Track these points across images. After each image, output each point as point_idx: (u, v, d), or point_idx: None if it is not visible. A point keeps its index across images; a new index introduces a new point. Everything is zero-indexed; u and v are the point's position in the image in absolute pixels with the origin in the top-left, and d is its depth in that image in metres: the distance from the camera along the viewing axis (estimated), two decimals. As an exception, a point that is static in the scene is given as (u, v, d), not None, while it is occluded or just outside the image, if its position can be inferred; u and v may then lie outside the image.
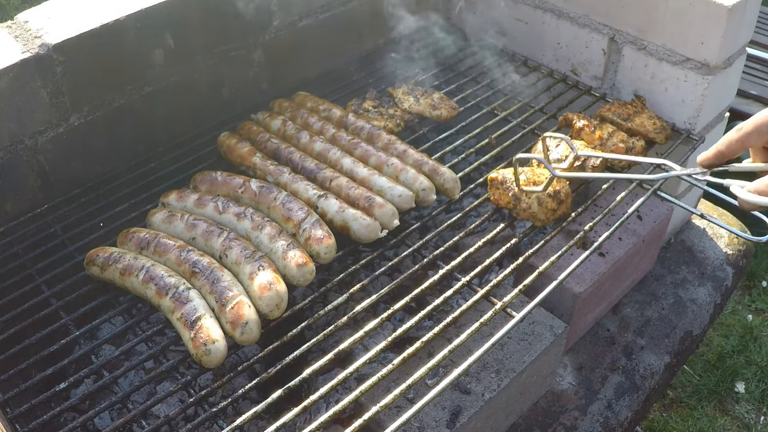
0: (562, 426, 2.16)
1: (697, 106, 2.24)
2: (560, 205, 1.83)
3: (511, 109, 2.35)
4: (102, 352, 1.91)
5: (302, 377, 1.50)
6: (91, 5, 1.97)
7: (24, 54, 1.81)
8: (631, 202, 1.93)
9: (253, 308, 1.54)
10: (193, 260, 1.65)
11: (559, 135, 1.80)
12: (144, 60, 2.04)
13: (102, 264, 1.71)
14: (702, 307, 2.60)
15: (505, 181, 1.86)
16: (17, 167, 1.93)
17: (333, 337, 1.64)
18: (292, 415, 1.43)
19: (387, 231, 1.82)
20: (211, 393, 1.52)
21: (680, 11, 2.14)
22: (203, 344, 1.47)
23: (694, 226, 2.87)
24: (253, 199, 1.86)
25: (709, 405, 3.36)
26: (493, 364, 1.90)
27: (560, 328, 2.00)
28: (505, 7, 2.68)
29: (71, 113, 1.98)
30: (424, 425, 1.76)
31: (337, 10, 2.51)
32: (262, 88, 2.44)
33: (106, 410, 1.53)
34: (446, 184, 1.97)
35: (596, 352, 2.39)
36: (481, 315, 1.62)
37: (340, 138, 2.10)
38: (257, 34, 2.32)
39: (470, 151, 2.18)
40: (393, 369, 1.49)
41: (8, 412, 1.50)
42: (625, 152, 2.01)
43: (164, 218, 1.82)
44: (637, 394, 2.31)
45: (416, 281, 1.74)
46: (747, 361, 3.57)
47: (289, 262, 1.64)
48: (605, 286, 2.27)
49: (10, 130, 1.87)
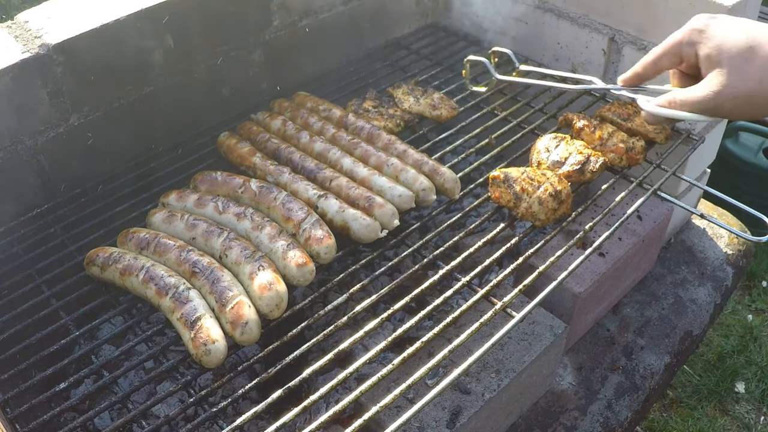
0: (562, 426, 2.16)
1: (697, 106, 2.24)
2: (561, 205, 1.83)
3: (511, 109, 2.35)
4: (102, 352, 1.91)
5: (302, 377, 1.50)
6: (91, 5, 1.97)
7: (24, 54, 1.81)
8: (631, 202, 1.93)
9: (253, 308, 1.54)
10: (193, 260, 1.65)
11: (479, 58, 2.11)
12: (144, 60, 2.04)
13: (102, 264, 1.71)
14: (702, 307, 2.60)
15: (506, 180, 1.86)
16: (17, 167, 1.93)
17: (333, 337, 1.63)
18: (292, 415, 1.43)
19: (387, 231, 1.82)
20: (211, 393, 1.52)
21: (680, 11, 2.14)
22: (203, 344, 1.47)
23: (694, 226, 2.87)
24: (253, 199, 1.86)
25: (709, 405, 3.37)
26: (493, 364, 1.90)
27: (560, 328, 2.00)
28: (505, 7, 2.68)
29: (71, 113, 1.98)
30: (424, 425, 1.76)
31: (337, 10, 2.51)
32: (262, 88, 2.44)
33: (106, 410, 1.53)
34: (446, 184, 1.97)
35: (596, 352, 2.39)
36: (481, 315, 1.62)
37: (340, 138, 2.10)
38: (257, 34, 2.32)
39: (470, 151, 2.18)
40: (393, 369, 1.49)
41: (8, 412, 1.50)
42: (625, 152, 2.01)
43: (164, 218, 1.82)
44: (637, 394, 2.31)
45: (416, 281, 1.74)
46: (747, 361, 3.58)
47: (289, 262, 1.64)
48: (605, 286, 2.28)
49: (10, 130, 1.87)
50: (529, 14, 2.60)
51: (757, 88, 1.27)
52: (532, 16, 2.60)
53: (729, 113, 1.37)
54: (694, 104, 1.38)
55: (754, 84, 1.27)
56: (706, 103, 1.35)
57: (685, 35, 1.43)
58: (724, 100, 1.32)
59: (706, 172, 2.79)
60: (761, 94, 1.27)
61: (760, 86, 1.27)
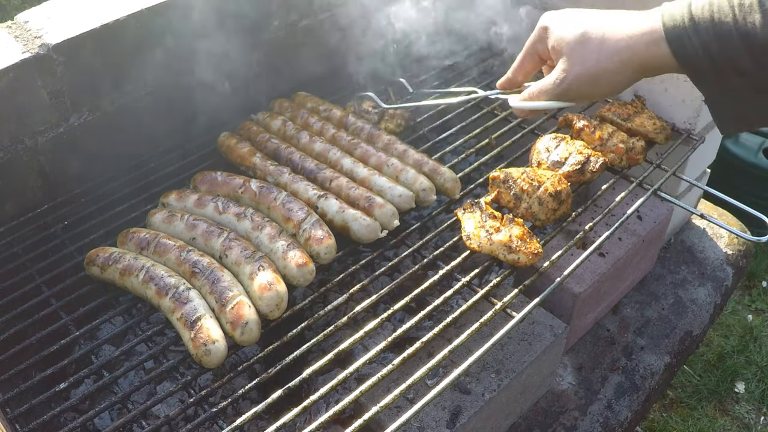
0: (562, 426, 2.16)
1: (697, 106, 2.24)
2: (561, 206, 1.83)
3: (511, 110, 2.35)
4: (102, 352, 1.91)
5: (302, 377, 1.50)
6: (91, 5, 1.97)
7: (24, 54, 1.81)
8: (631, 202, 1.93)
9: (253, 308, 1.54)
10: (193, 260, 1.65)
11: (368, 93, 2.18)
12: (144, 60, 2.04)
13: (102, 264, 1.71)
14: (702, 307, 2.60)
15: (506, 180, 1.86)
16: (17, 167, 1.93)
17: (333, 337, 1.63)
18: (292, 415, 1.43)
19: (387, 231, 1.82)
20: (211, 393, 1.52)
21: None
22: (203, 344, 1.47)
23: (694, 226, 2.87)
24: (253, 199, 1.86)
25: (709, 405, 3.37)
26: (493, 364, 1.90)
27: (560, 328, 2.00)
28: (505, 7, 2.67)
29: (71, 113, 1.97)
30: (424, 425, 1.76)
31: (337, 9, 2.51)
32: (262, 88, 2.44)
33: (106, 410, 1.53)
34: (446, 183, 1.97)
35: (596, 352, 2.39)
36: (481, 315, 1.62)
37: (340, 138, 2.11)
38: (257, 34, 2.32)
39: (470, 152, 2.18)
40: (393, 369, 1.49)
41: (8, 412, 1.50)
42: (625, 152, 2.01)
43: (164, 218, 1.82)
44: (637, 394, 2.31)
45: (416, 281, 1.74)
46: (747, 361, 3.58)
47: (289, 262, 1.64)
48: (605, 286, 2.28)
49: (10, 130, 1.87)
50: (528, 14, 2.60)
51: (595, 68, 1.38)
52: (531, 16, 2.59)
53: (579, 96, 1.47)
54: (548, 92, 1.49)
55: (592, 64, 1.38)
56: (556, 88, 1.46)
57: (535, 35, 1.54)
58: (570, 83, 1.43)
59: (706, 172, 2.79)
60: (601, 73, 1.38)
61: (597, 65, 1.37)
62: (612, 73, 1.37)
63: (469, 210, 1.81)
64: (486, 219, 1.76)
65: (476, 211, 1.79)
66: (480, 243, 1.72)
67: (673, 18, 1.25)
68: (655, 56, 1.29)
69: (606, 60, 1.36)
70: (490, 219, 1.76)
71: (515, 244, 1.68)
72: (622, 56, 1.34)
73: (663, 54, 1.27)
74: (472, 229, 1.75)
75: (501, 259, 1.70)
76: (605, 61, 1.36)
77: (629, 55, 1.33)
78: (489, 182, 1.92)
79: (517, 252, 1.67)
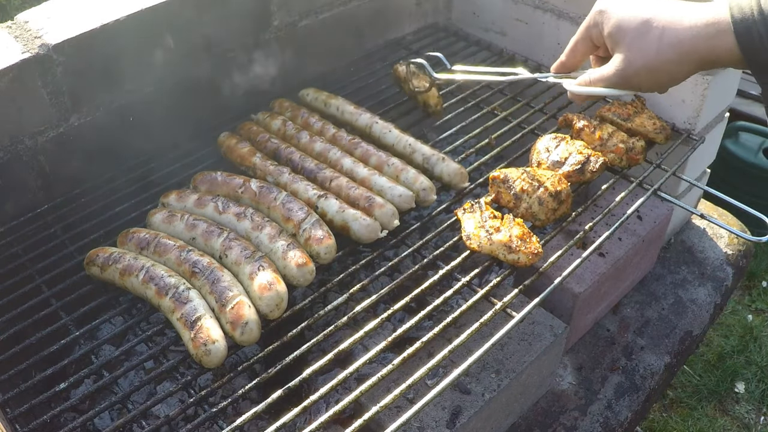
0: (562, 426, 2.16)
1: (697, 106, 2.24)
2: (561, 206, 1.83)
3: (511, 109, 2.35)
4: (102, 352, 1.91)
5: (302, 377, 1.50)
6: (91, 5, 1.97)
7: (24, 54, 1.81)
8: (631, 202, 1.93)
9: (253, 308, 1.54)
10: (193, 260, 1.65)
11: (420, 60, 2.06)
12: (144, 60, 2.04)
13: (102, 264, 1.71)
14: (702, 307, 2.60)
15: (506, 180, 1.86)
16: (17, 167, 1.93)
17: (333, 337, 1.64)
18: (292, 415, 1.43)
19: (387, 231, 1.82)
20: (211, 393, 1.52)
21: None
22: (203, 344, 1.47)
23: (694, 226, 2.87)
24: (253, 199, 1.86)
25: (709, 405, 3.37)
26: (493, 364, 1.90)
27: (560, 328, 2.00)
28: (505, 7, 2.68)
29: (71, 113, 1.97)
30: (424, 425, 1.76)
31: (337, 9, 2.51)
32: (263, 88, 2.44)
33: (106, 410, 1.53)
34: (446, 177, 1.98)
35: (596, 352, 2.39)
36: (481, 315, 1.62)
37: (341, 138, 2.11)
38: (257, 34, 2.32)
39: (470, 151, 2.18)
40: (393, 369, 1.49)
41: (8, 412, 1.50)
42: (625, 152, 2.01)
43: (164, 218, 1.82)
44: (637, 394, 2.31)
45: (416, 281, 1.74)
46: (747, 361, 3.58)
47: (289, 262, 1.64)
48: (605, 286, 2.27)
49: (10, 130, 1.87)
50: (528, 14, 2.60)
51: (655, 59, 1.35)
52: (531, 16, 2.60)
53: (638, 86, 1.45)
54: (605, 80, 1.47)
55: (652, 55, 1.35)
56: (614, 78, 1.45)
57: (590, 19, 1.51)
58: (629, 74, 1.41)
59: (706, 172, 2.79)
60: (661, 65, 1.35)
61: (658, 57, 1.34)
62: (672, 64, 1.33)
63: (469, 210, 1.81)
64: (486, 219, 1.76)
65: (476, 211, 1.79)
66: (480, 243, 1.72)
67: (741, 10, 1.20)
68: (717, 48, 1.25)
69: (667, 51, 1.32)
70: (490, 219, 1.76)
71: (515, 244, 1.68)
72: (683, 48, 1.29)
73: (727, 47, 1.23)
74: (472, 229, 1.75)
75: (501, 259, 1.70)
76: (666, 53, 1.32)
77: (691, 47, 1.28)
78: (489, 182, 1.92)
79: (517, 252, 1.67)
